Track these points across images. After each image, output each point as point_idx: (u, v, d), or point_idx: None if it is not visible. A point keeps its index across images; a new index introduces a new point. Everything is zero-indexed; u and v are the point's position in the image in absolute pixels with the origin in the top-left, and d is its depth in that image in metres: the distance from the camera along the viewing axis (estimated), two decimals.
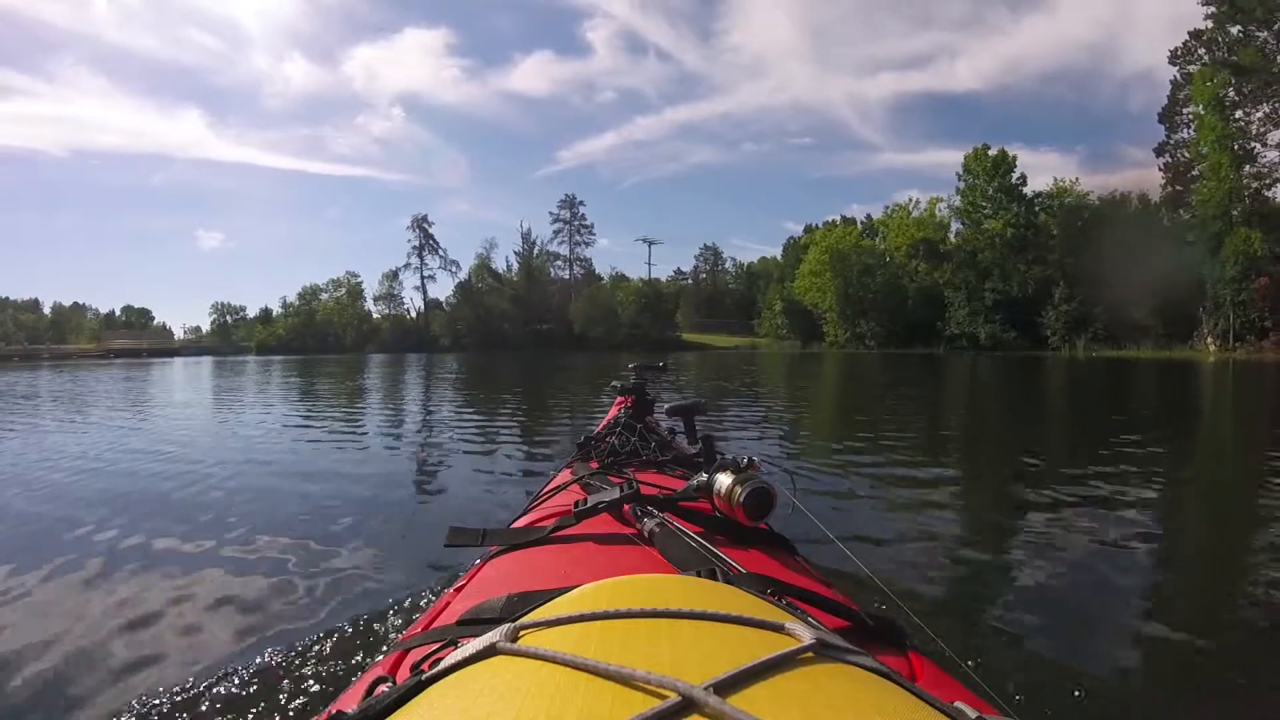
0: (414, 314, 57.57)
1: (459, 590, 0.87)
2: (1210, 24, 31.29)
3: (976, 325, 37.08)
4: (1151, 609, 2.00)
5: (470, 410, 8.25)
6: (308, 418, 7.37)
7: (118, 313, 74.90)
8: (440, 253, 57.48)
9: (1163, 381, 13.82)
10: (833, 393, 11.63)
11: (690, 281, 66.71)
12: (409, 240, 57.59)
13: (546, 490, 1.37)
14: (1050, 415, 7.91)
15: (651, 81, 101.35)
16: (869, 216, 48.54)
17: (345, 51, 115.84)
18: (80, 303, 74.24)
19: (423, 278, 57.34)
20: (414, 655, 0.59)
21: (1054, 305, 34.40)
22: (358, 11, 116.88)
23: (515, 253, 58.17)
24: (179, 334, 67.94)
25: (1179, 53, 33.20)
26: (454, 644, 0.50)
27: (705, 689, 0.31)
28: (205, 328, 63.83)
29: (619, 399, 2.32)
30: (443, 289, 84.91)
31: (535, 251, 58.28)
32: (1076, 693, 1.41)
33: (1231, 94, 30.20)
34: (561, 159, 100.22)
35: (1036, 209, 37.81)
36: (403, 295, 58.05)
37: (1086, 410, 8.46)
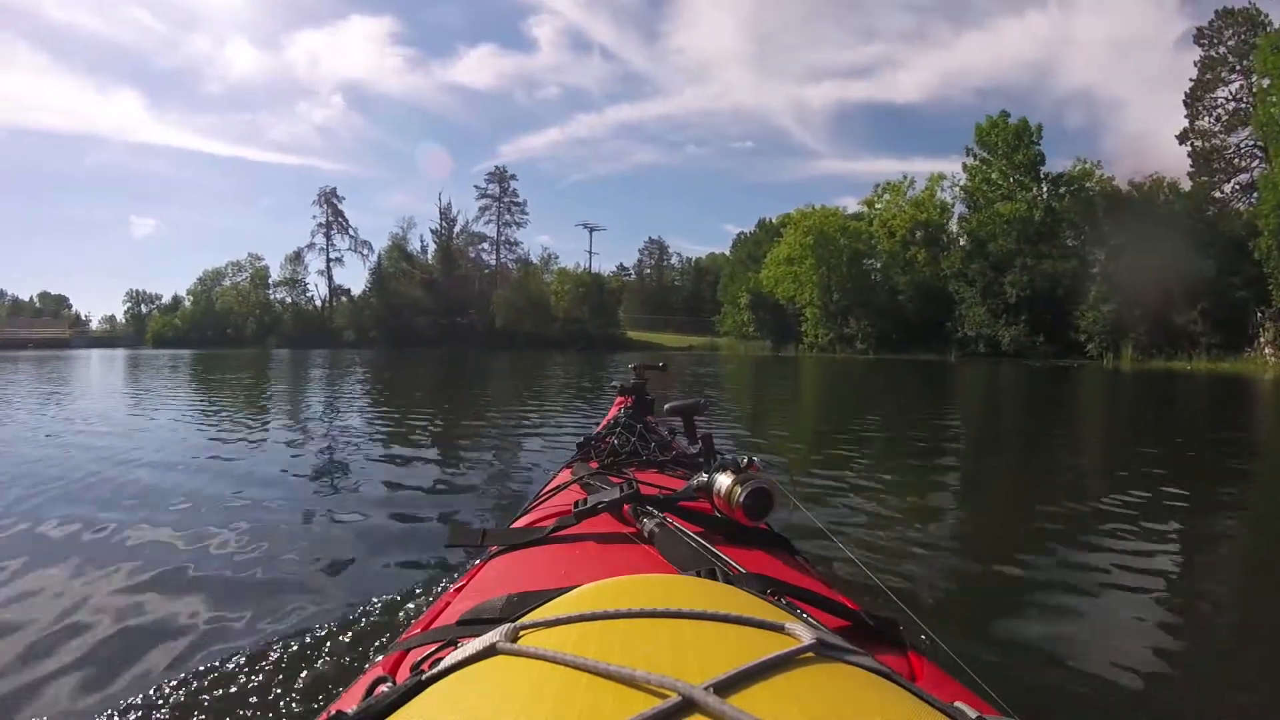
0: (319, 303, 48.46)
1: (459, 590, 0.86)
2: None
3: (997, 327, 29.78)
4: (1157, 609, 1.93)
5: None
6: (274, 427, 6.50)
7: (35, 299, 68.74)
8: (350, 232, 47.93)
9: (1229, 399, 12.21)
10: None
11: (634, 276, 60.21)
12: (314, 217, 47.86)
13: (546, 490, 1.37)
14: (1072, 427, 7.45)
15: (595, 80, 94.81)
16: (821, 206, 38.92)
17: (289, 37, 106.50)
18: None
19: (328, 261, 47.73)
20: (414, 655, 0.60)
21: (1090, 306, 27.54)
22: None
23: (432, 230, 47.91)
24: (96, 323, 61.28)
25: (1204, 32, 30.31)
26: (454, 644, 0.50)
27: (705, 689, 0.31)
28: (120, 317, 56.86)
29: (619, 399, 2.35)
30: (354, 276, 79.89)
31: (457, 230, 48.23)
32: (1078, 693, 1.43)
33: None
34: (503, 153, 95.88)
35: (1062, 192, 30.76)
36: (307, 281, 48.64)
37: (1113, 423, 8.02)
